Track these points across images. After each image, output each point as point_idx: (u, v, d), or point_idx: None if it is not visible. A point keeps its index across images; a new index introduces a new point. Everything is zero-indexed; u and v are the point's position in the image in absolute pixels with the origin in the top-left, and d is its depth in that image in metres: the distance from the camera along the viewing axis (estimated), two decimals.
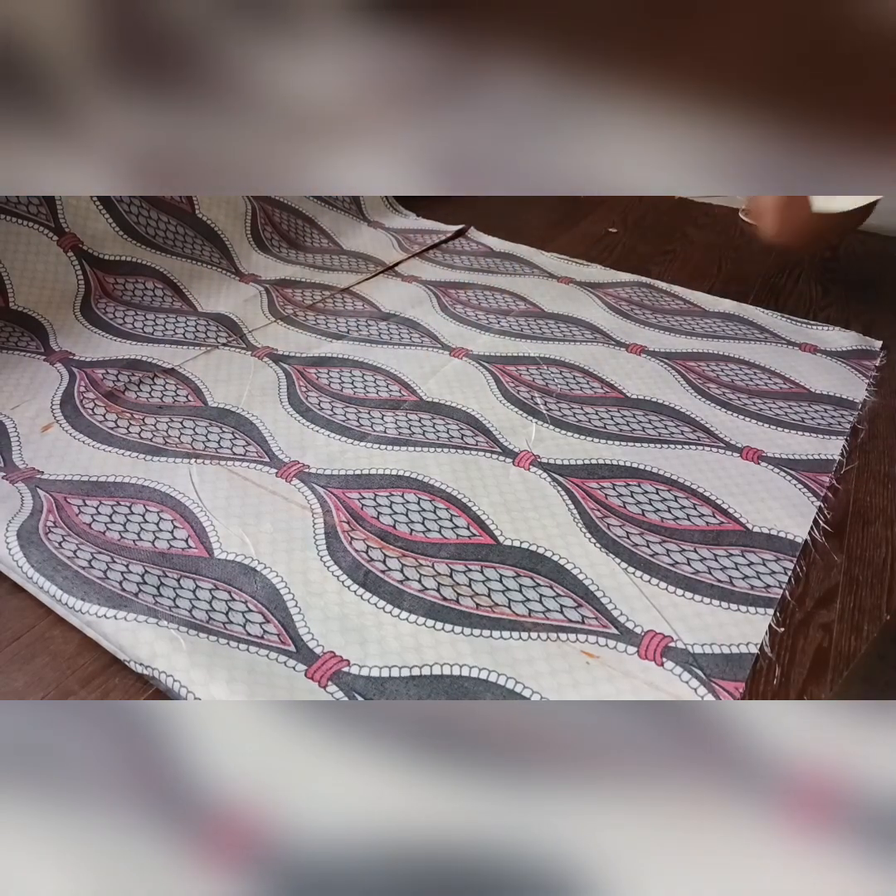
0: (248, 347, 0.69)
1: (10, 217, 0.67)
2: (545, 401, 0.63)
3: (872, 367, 0.69)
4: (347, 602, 0.44)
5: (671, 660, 0.41)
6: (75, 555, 0.44)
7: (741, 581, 0.46)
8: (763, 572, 0.47)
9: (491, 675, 0.40)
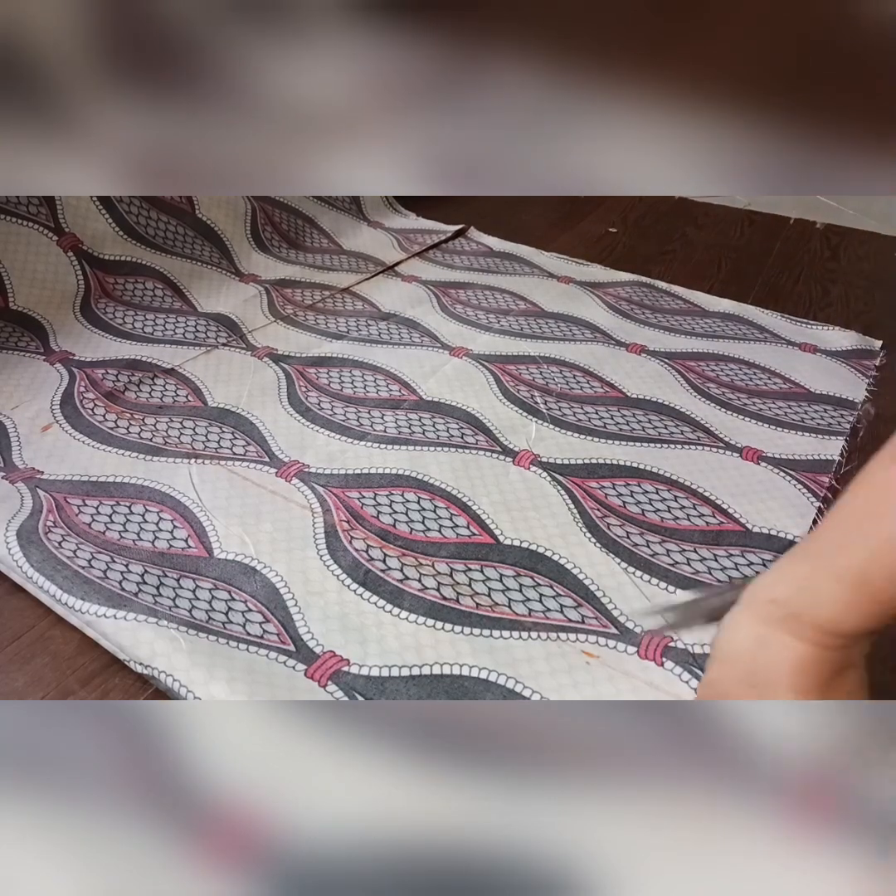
0: (247, 347, 0.69)
1: (10, 217, 0.67)
2: (545, 400, 0.63)
3: (872, 367, 0.69)
4: (347, 601, 0.44)
5: (671, 660, 0.41)
6: (75, 554, 0.44)
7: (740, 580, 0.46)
8: (763, 573, 0.47)
9: (491, 675, 0.40)
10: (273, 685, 0.38)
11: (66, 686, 0.39)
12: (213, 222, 0.83)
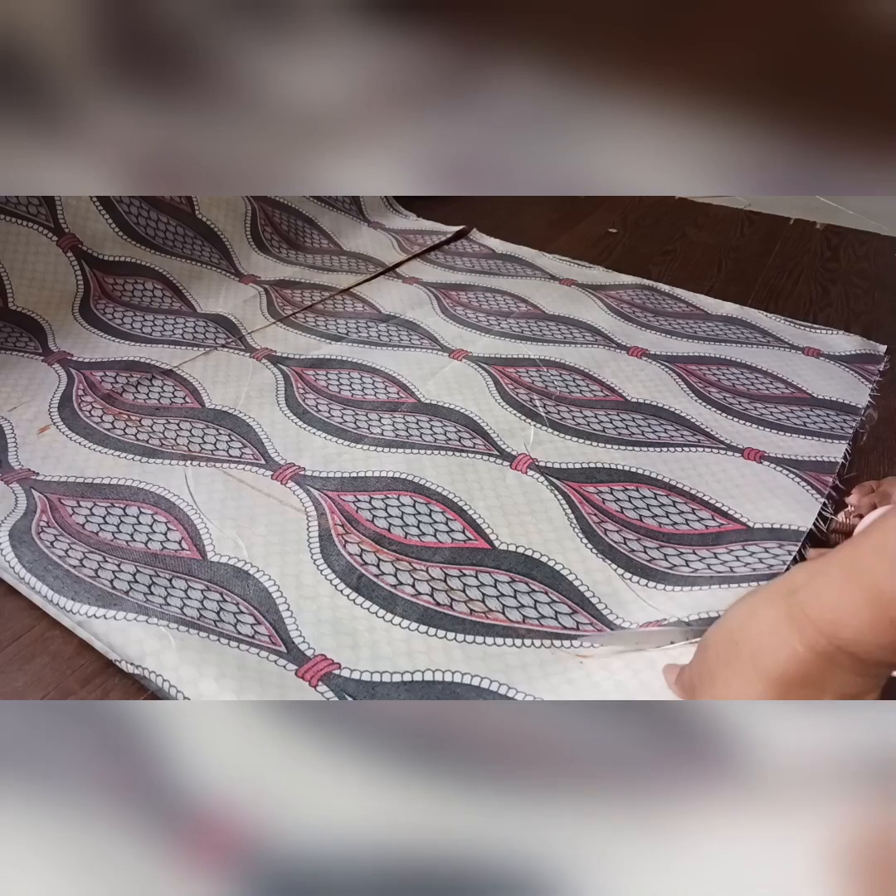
0: (246, 349, 0.68)
1: (9, 217, 0.67)
2: (544, 403, 0.62)
3: (876, 372, 0.69)
4: (340, 606, 0.43)
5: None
6: (66, 554, 0.44)
7: (742, 567, 0.45)
8: (765, 557, 0.46)
9: (483, 682, 0.39)
10: (263, 682, 0.38)
11: (66, 686, 0.39)
12: (213, 223, 0.82)
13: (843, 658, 0.26)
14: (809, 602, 0.27)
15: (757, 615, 0.29)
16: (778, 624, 0.27)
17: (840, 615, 0.26)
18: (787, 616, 0.27)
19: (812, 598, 0.27)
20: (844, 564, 0.26)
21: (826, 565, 0.27)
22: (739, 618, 0.30)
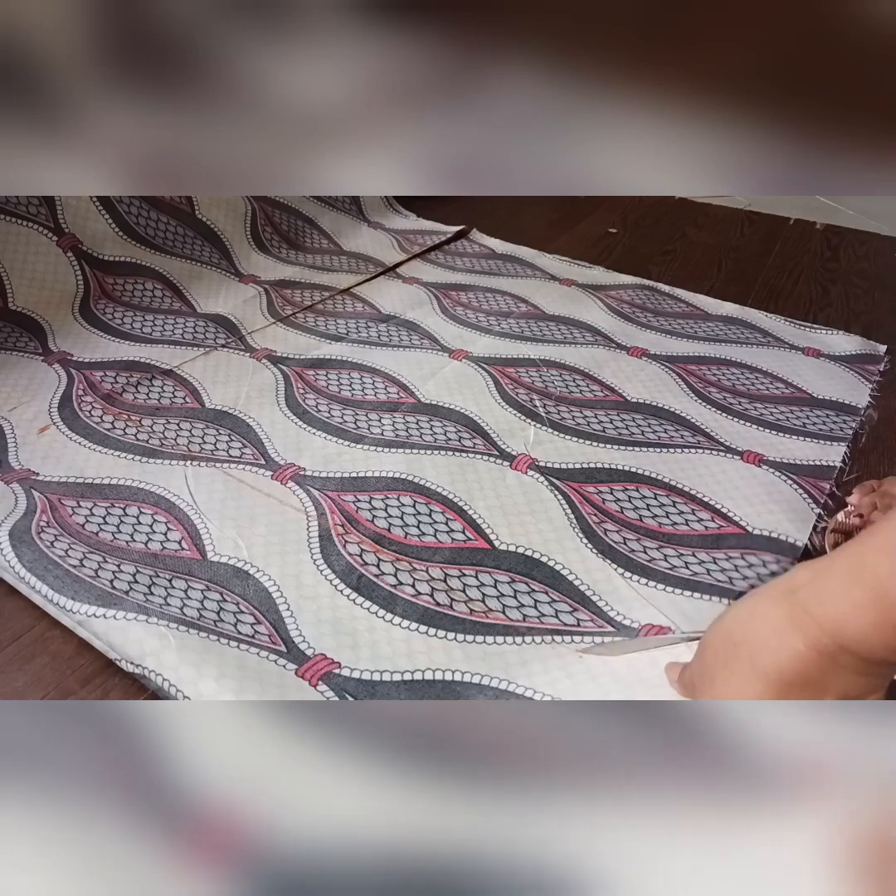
0: (246, 349, 0.68)
1: (9, 217, 0.67)
2: (544, 403, 0.62)
3: (876, 372, 0.69)
4: (340, 606, 0.43)
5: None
6: (67, 554, 0.44)
7: (741, 581, 0.46)
8: (763, 573, 0.46)
9: (483, 679, 0.39)
10: (263, 682, 0.38)
11: (66, 686, 0.39)
12: (213, 223, 0.82)
13: (846, 658, 0.26)
14: (812, 601, 0.27)
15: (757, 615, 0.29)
16: (780, 623, 0.27)
17: (844, 614, 0.25)
18: (789, 615, 0.27)
19: (815, 597, 0.27)
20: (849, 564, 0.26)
21: (830, 565, 0.27)
22: (739, 619, 0.30)
